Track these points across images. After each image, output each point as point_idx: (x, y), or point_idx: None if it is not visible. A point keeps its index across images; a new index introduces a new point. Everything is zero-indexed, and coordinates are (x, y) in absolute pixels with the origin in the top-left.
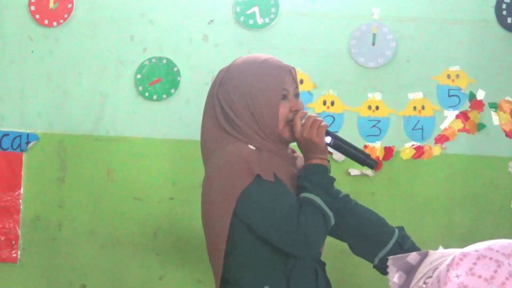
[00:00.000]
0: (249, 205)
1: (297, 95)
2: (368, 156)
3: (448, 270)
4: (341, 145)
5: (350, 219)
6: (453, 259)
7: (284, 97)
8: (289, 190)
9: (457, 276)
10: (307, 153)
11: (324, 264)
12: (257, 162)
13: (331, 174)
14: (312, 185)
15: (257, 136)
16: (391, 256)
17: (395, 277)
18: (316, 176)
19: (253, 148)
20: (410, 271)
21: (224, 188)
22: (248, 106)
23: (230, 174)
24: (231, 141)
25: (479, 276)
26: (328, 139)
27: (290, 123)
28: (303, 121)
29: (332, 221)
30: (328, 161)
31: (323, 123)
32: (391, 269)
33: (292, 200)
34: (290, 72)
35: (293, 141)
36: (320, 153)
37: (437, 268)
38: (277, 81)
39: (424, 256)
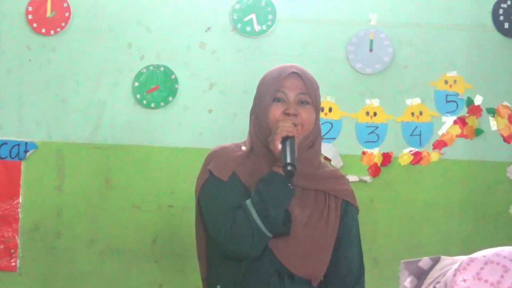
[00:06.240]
0: (201, 200)
1: (303, 102)
2: (287, 165)
3: (455, 274)
4: (284, 150)
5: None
6: (460, 264)
7: (279, 99)
8: (238, 192)
9: (464, 280)
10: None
11: (292, 275)
12: (218, 159)
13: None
14: (256, 192)
15: (256, 138)
16: (403, 260)
17: (406, 281)
18: (264, 185)
19: (244, 148)
20: (421, 275)
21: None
22: (253, 108)
23: (200, 172)
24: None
25: (486, 281)
26: (280, 146)
27: None
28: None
29: (266, 233)
30: (289, 169)
31: (278, 130)
32: (403, 273)
33: (234, 202)
34: (293, 76)
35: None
36: (277, 160)
37: (446, 273)
38: (273, 82)
39: (436, 261)
